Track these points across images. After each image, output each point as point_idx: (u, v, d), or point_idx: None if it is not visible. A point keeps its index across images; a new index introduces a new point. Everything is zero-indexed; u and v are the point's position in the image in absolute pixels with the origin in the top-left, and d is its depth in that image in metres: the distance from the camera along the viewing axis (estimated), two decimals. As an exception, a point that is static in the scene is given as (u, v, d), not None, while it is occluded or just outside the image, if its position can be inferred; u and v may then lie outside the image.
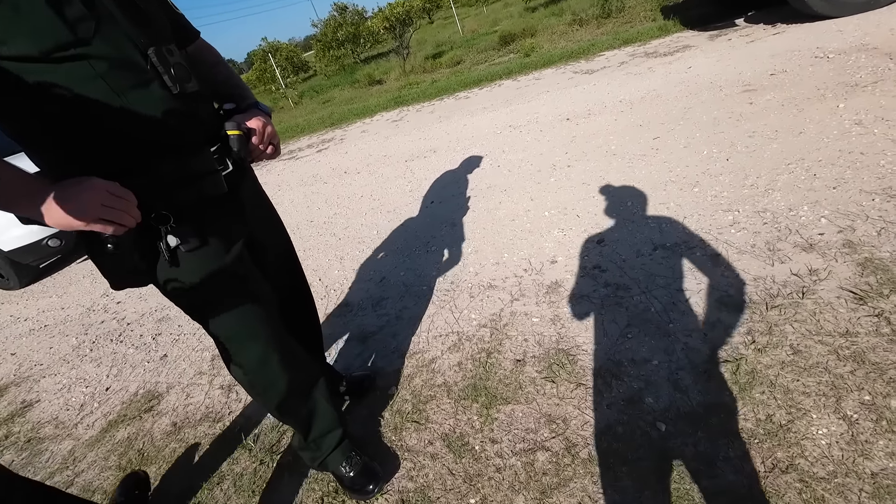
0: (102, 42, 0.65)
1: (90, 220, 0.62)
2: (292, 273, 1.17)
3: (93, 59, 0.64)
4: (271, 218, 1.09)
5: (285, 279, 1.13)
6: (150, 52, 0.70)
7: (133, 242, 0.73)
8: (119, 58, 0.67)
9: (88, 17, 0.63)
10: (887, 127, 1.97)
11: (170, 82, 0.72)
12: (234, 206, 0.89)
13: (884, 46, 2.81)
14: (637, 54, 4.64)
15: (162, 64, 0.71)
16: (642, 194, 2.09)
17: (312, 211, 3.27)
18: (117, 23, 0.67)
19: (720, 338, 1.26)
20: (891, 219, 1.47)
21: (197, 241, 0.79)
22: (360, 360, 1.65)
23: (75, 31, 0.62)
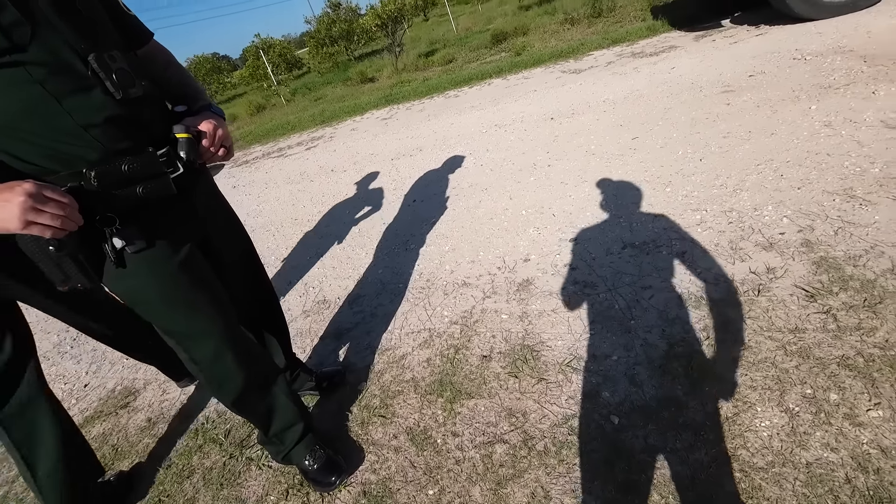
0: (39, 48, 0.66)
1: (20, 224, 0.63)
2: (251, 272, 1.19)
3: (29, 66, 0.65)
4: (228, 218, 1.10)
5: (244, 278, 1.15)
6: (91, 58, 0.71)
7: (77, 245, 0.74)
8: (57, 63, 0.68)
9: (23, 22, 0.64)
10: (854, 128, 2.01)
11: (112, 88, 0.73)
12: (186, 207, 0.91)
13: (859, 49, 2.86)
14: (624, 54, 4.67)
15: (103, 70, 0.72)
16: (617, 194, 2.13)
17: (297, 209, 3.28)
18: (55, 29, 0.68)
19: (677, 334, 1.30)
20: (848, 219, 1.51)
21: (143, 243, 0.81)
22: (333, 357, 1.68)
23: (10, 37, 0.63)
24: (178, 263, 0.89)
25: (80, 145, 0.73)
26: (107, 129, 0.74)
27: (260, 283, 1.23)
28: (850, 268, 1.32)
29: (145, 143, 0.80)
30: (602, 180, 2.29)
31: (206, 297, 0.94)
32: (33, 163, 0.72)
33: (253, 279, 1.20)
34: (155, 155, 0.80)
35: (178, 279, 0.89)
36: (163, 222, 0.85)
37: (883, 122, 1.99)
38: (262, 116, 8.73)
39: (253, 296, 1.20)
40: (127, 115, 0.76)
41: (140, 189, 0.78)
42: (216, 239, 1.02)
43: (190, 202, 0.92)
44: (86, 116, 0.72)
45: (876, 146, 1.84)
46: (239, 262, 1.13)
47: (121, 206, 0.77)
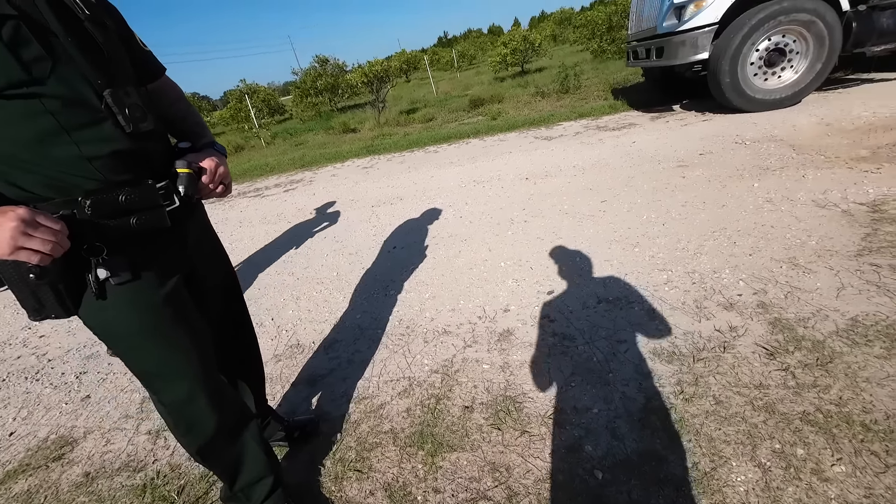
0: (57, 82, 0.67)
1: (9, 249, 0.62)
2: (234, 311, 1.16)
3: (45, 98, 0.67)
4: (216, 255, 1.09)
5: (226, 316, 1.11)
6: (106, 94, 0.73)
7: (59, 273, 0.72)
8: (73, 97, 0.69)
9: (45, 57, 0.66)
10: (791, 206, 2.29)
11: (123, 122, 0.75)
12: (177, 240, 0.90)
13: (788, 139, 3.32)
14: (590, 127, 5.16)
15: (117, 105, 0.74)
16: (589, 251, 2.26)
17: (272, 249, 3.23)
18: (76, 64, 0.70)
19: (653, 387, 1.34)
20: (795, 284, 1.68)
21: (128, 275, 0.79)
22: (306, 405, 1.59)
23: (29, 70, 0.64)
24: (162, 296, 0.86)
25: (81, 175, 0.72)
26: (111, 161, 0.75)
27: (241, 323, 1.19)
28: (802, 329, 1.44)
29: (146, 175, 0.81)
30: (575, 238, 2.44)
31: (185, 333, 0.90)
32: (29, 190, 0.71)
33: (235, 317, 1.16)
34: (154, 187, 0.80)
35: (161, 313, 0.85)
36: (152, 254, 0.84)
37: (814, 201, 2.29)
38: (240, 156, 8.74)
39: (233, 335, 1.15)
40: (133, 149, 0.77)
41: (134, 220, 0.77)
42: (202, 273, 1.00)
43: (182, 235, 0.91)
44: (93, 148, 0.72)
45: (811, 221, 2.10)
46: (222, 299, 1.10)
47: (111, 236, 0.76)
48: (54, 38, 0.68)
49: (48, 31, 0.67)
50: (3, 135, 0.66)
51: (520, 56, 13.69)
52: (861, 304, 1.50)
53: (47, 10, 0.68)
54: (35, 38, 0.65)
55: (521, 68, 13.96)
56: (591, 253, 2.24)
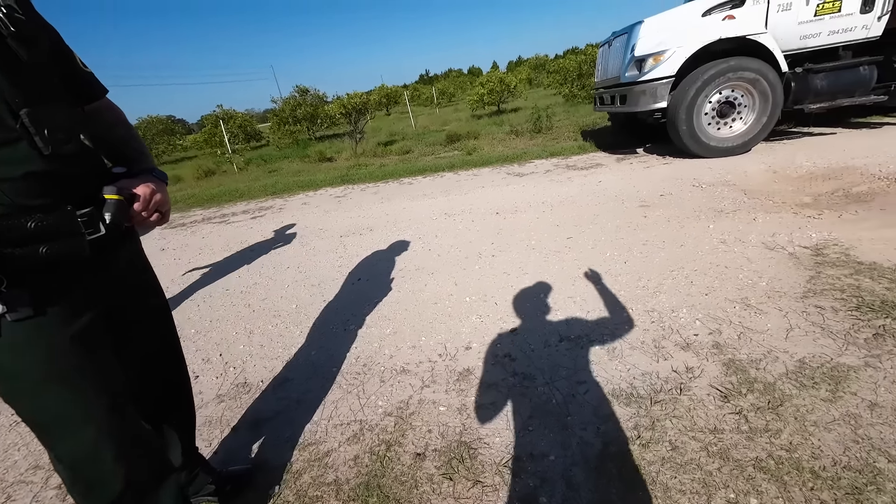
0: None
1: None
2: (165, 353, 1.06)
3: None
4: (147, 288, 1.01)
5: (154, 355, 1.02)
6: (23, 113, 0.68)
7: None
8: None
9: None
10: (744, 247, 2.39)
11: (41, 143, 0.70)
12: (99, 271, 0.82)
13: (740, 184, 3.53)
14: (560, 165, 5.36)
15: (34, 125, 0.69)
16: (554, 287, 2.26)
17: (231, 278, 3.09)
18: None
19: (611, 432, 1.31)
20: (747, 325, 1.71)
21: (29, 310, 0.71)
22: (245, 453, 1.46)
23: None
24: (70, 335, 0.77)
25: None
26: (23, 183, 0.69)
27: (172, 364, 1.08)
28: (754, 370, 1.46)
29: (66, 200, 0.74)
30: (541, 274, 2.44)
31: (94, 376, 0.80)
32: None
33: (165, 358, 1.06)
34: (72, 214, 0.74)
35: (65, 354, 0.76)
36: (63, 286, 0.76)
37: (764, 243, 2.40)
38: (210, 181, 8.55)
39: (161, 377, 1.05)
40: (52, 171, 0.72)
41: (44, 249, 0.70)
42: (128, 307, 0.91)
43: (105, 265, 0.84)
44: (2, 170, 0.66)
45: (761, 263, 2.18)
46: (151, 338, 1.00)
47: (14, 266, 0.68)
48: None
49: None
50: None
51: (496, 96, 14.33)
52: (808, 345, 1.54)
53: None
54: None
55: (498, 108, 14.58)
56: (556, 289, 2.24)
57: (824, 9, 4.17)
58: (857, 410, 1.24)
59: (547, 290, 2.26)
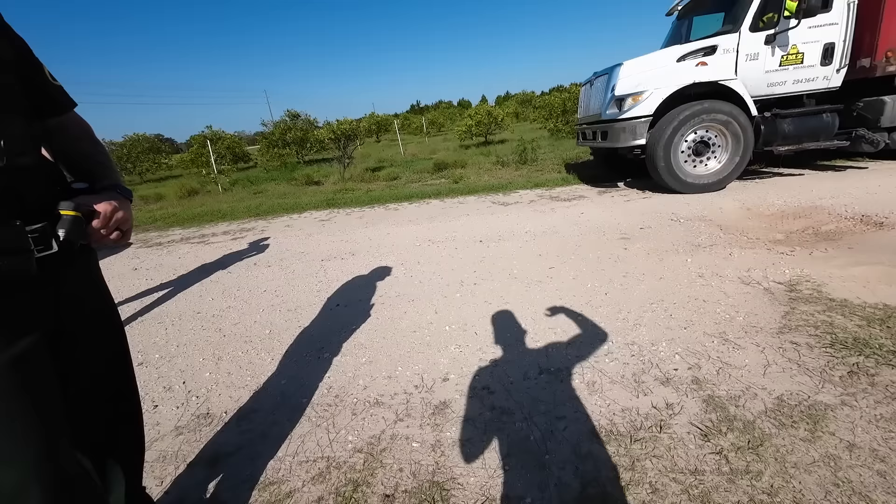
0: None
1: None
2: (115, 379, 0.98)
3: None
4: (101, 312, 0.94)
5: (103, 384, 0.94)
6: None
7: None
8: None
9: None
10: (721, 281, 2.42)
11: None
12: (44, 291, 0.77)
13: (716, 220, 3.63)
14: (544, 196, 5.46)
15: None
16: (535, 318, 2.24)
17: (204, 301, 2.97)
18: None
19: (590, 472, 1.25)
20: (726, 360, 1.71)
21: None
22: (199, 492, 1.34)
23: None
24: (9, 360, 0.70)
25: None
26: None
27: (122, 395, 1.00)
28: (733, 408, 1.44)
29: (15, 215, 0.70)
30: (522, 303, 2.42)
31: (28, 407, 0.72)
32: None
33: (115, 388, 0.98)
34: (20, 229, 0.69)
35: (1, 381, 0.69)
36: (4, 305, 0.70)
37: (740, 278, 2.44)
38: (192, 201, 8.42)
39: (110, 406, 0.96)
40: (3, 184, 0.68)
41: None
42: (75, 333, 0.84)
43: (52, 286, 0.78)
44: None
45: (738, 297, 2.21)
46: (100, 362, 0.93)
47: None
48: None
49: None
50: None
51: (484, 128, 14.75)
52: (785, 382, 1.54)
53: None
54: None
55: (485, 139, 14.98)
56: (536, 320, 2.22)
57: (788, 59, 4.47)
58: (836, 451, 1.22)
59: (527, 320, 2.23)
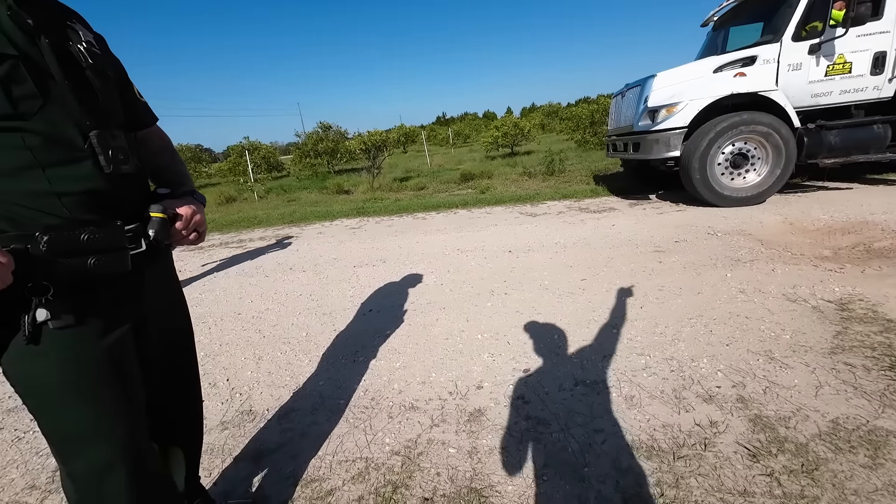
0: (42, 120, 0.68)
1: None
2: (182, 373, 1.06)
3: (26, 133, 0.67)
4: (175, 309, 1.02)
5: (171, 378, 1.01)
6: (92, 135, 0.74)
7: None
8: (55, 135, 0.70)
9: (36, 96, 0.67)
10: (764, 298, 2.34)
11: (104, 162, 0.75)
12: (134, 286, 0.84)
13: (756, 234, 3.51)
14: (573, 208, 5.41)
15: (101, 146, 0.74)
16: (568, 329, 2.22)
17: (244, 303, 3.10)
18: (65, 105, 0.71)
19: (631, 487, 1.23)
20: (773, 379, 1.64)
21: (71, 319, 0.72)
22: (245, 486, 1.40)
23: (16, 106, 0.65)
24: (105, 348, 0.78)
25: (44, 210, 0.70)
26: (83, 198, 0.73)
27: (189, 385, 1.07)
28: (783, 429, 1.38)
29: (116, 216, 0.78)
30: (554, 314, 2.40)
31: (119, 393, 0.80)
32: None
33: (182, 379, 1.05)
34: (121, 229, 0.78)
35: (97, 367, 0.77)
36: (102, 299, 0.77)
37: (784, 295, 2.34)
38: (230, 207, 8.81)
39: (176, 398, 1.03)
40: (108, 189, 0.76)
41: (92, 261, 0.73)
42: (154, 326, 0.92)
43: (140, 282, 0.86)
44: (65, 185, 0.71)
45: (783, 315, 2.12)
46: (172, 356, 1.00)
47: (62, 276, 0.71)
48: (51, 81, 0.70)
49: (47, 74, 0.69)
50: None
51: (510, 139, 14.79)
52: (840, 405, 1.46)
53: (51, 55, 0.70)
54: (31, 78, 0.67)
55: (511, 150, 15.00)
56: (570, 331, 2.20)
57: (834, 69, 4.31)
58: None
59: (560, 331, 2.21)
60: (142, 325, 0.88)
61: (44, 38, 0.70)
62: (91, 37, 0.81)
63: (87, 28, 0.83)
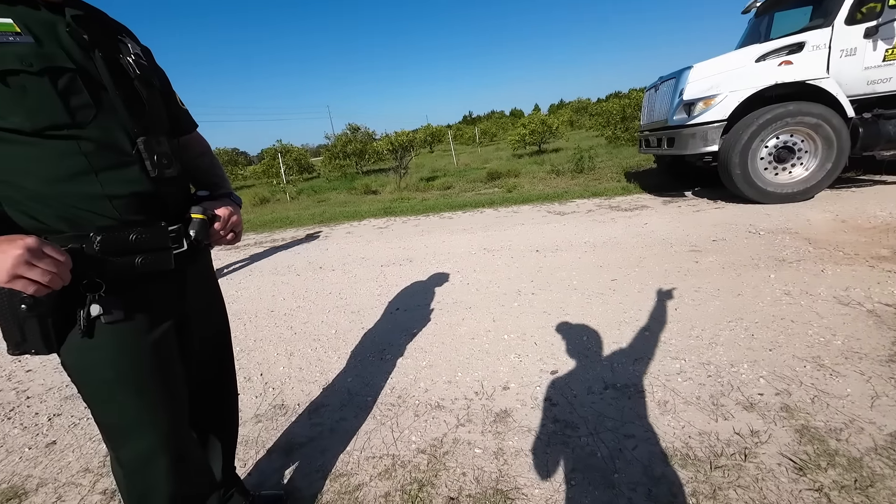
0: (96, 127, 0.73)
1: (6, 277, 0.62)
2: (220, 366, 1.11)
3: (82, 140, 0.72)
4: (213, 306, 1.07)
5: (210, 371, 1.06)
6: (140, 141, 0.79)
7: (51, 307, 0.71)
8: (107, 142, 0.75)
9: (91, 106, 0.73)
10: (811, 300, 2.19)
11: (150, 167, 0.80)
12: (177, 284, 0.89)
13: (803, 232, 3.29)
14: (603, 206, 5.26)
15: (147, 151, 0.80)
16: (597, 331, 2.16)
17: (276, 301, 3.21)
18: (117, 114, 0.77)
19: (665, 496, 1.18)
20: (822, 388, 1.54)
21: (121, 314, 0.78)
22: (277, 477, 1.45)
23: (73, 115, 0.71)
24: (150, 342, 0.83)
25: (97, 212, 0.75)
26: (131, 201, 0.78)
27: (226, 378, 1.13)
28: (834, 441, 1.29)
29: (160, 217, 0.83)
30: (583, 315, 2.35)
31: (163, 385, 0.85)
32: (43, 222, 0.73)
33: (220, 372, 1.11)
34: (165, 229, 0.82)
35: (144, 359, 0.82)
36: (148, 296, 0.83)
37: (836, 297, 2.19)
38: (264, 208, 9.14)
39: (214, 390, 1.09)
40: (154, 192, 0.81)
41: (139, 260, 0.78)
42: (194, 322, 0.97)
43: (181, 280, 0.91)
44: (115, 188, 0.76)
45: (834, 319, 1.98)
46: (210, 351, 1.05)
47: (113, 274, 0.76)
48: (104, 91, 0.75)
49: (100, 85, 0.75)
50: (32, 171, 0.70)
51: (538, 137, 14.55)
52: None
53: (104, 67, 0.76)
54: (86, 89, 0.72)
55: (539, 148, 14.77)
56: (599, 333, 2.14)
57: (894, 54, 3.97)
58: (969, 501, 1.05)
59: (590, 333, 2.16)
60: (184, 322, 0.93)
61: (97, 52, 0.75)
62: (139, 49, 0.87)
63: (136, 41, 0.89)
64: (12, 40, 0.66)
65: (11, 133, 0.67)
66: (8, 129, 0.67)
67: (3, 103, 0.65)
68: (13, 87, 0.66)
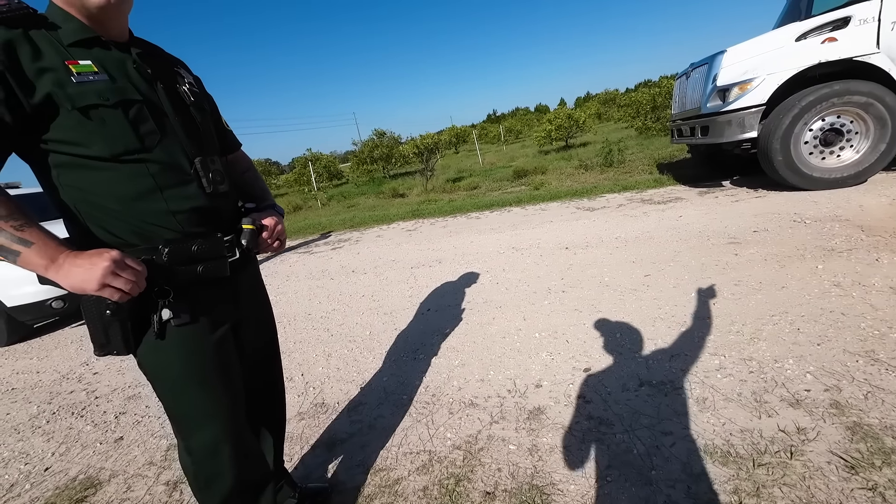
0: (161, 151, 0.83)
1: (97, 285, 0.72)
2: (269, 365, 1.20)
3: (150, 163, 0.82)
4: (262, 307, 1.16)
5: (261, 370, 1.15)
6: (196, 161, 0.88)
7: (130, 311, 0.80)
8: (170, 163, 0.84)
9: (156, 132, 0.83)
10: (864, 291, 2.06)
11: (206, 184, 0.89)
12: (231, 290, 0.98)
13: (855, 219, 3.09)
14: (634, 199, 5.13)
15: (203, 170, 0.89)
16: (631, 328, 2.13)
17: (313, 304, 3.35)
18: (177, 137, 0.86)
19: (705, 493, 1.16)
20: (877, 383, 1.46)
21: (188, 317, 0.87)
22: (321, 471, 1.53)
23: (143, 141, 0.81)
24: (213, 342, 0.93)
25: (164, 226, 0.84)
26: (191, 215, 0.87)
27: (275, 375, 1.23)
28: (890, 439, 1.22)
29: (216, 229, 0.92)
30: (616, 312, 2.32)
31: (225, 381, 0.94)
32: (120, 237, 0.82)
33: (269, 371, 1.20)
34: (221, 240, 0.91)
35: (208, 358, 0.91)
36: (209, 300, 0.92)
37: (892, 288, 2.05)
38: (298, 215, 9.49)
39: (265, 386, 1.18)
40: (210, 206, 0.90)
41: (200, 268, 0.87)
42: (246, 323, 1.06)
43: (236, 285, 0.99)
44: (178, 204, 0.85)
45: (890, 311, 1.86)
46: (261, 351, 1.15)
47: (179, 281, 0.85)
48: (166, 118, 0.85)
49: (162, 113, 0.85)
50: (111, 191, 0.80)
51: (564, 132, 14.30)
52: (966, 414, 1.26)
53: (164, 96, 0.86)
54: (151, 118, 0.82)
55: (566, 143, 14.50)
56: (633, 330, 2.11)
57: (955, 22, 3.65)
58: None
59: (623, 329, 2.13)
60: (238, 325, 1.02)
61: (159, 84, 0.85)
62: (192, 78, 0.97)
63: (189, 71, 0.99)
64: (92, 79, 0.76)
65: (94, 160, 0.77)
66: (91, 157, 0.77)
67: (87, 134, 0.75)
68: (94, 120, 0.76)
